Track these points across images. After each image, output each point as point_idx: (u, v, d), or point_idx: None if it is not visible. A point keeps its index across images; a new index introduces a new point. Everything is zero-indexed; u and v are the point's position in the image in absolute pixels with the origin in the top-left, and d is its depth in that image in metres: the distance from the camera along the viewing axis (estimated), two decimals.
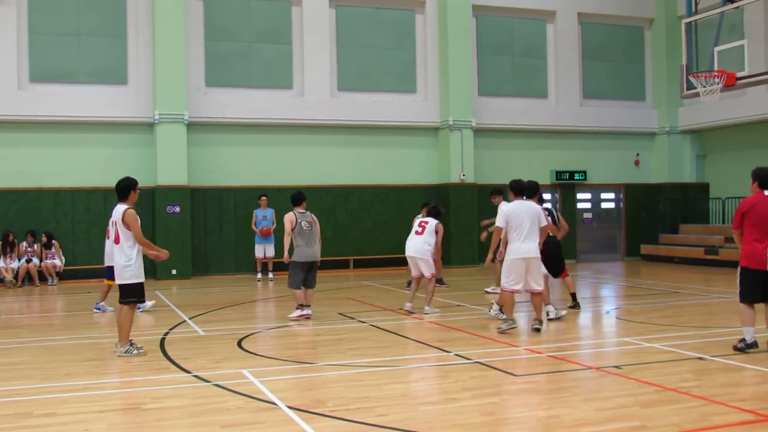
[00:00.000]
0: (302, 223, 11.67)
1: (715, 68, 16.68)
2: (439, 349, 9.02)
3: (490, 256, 10.46)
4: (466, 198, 21.37)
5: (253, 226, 18.15)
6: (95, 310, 12.82)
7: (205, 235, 19.82)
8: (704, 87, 16.48)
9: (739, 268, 8.83)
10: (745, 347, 8.62)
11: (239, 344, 9.53)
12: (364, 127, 21.17)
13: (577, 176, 23.28)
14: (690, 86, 17.20)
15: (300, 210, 11.86)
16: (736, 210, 8.82)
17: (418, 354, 8.83)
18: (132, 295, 8.82)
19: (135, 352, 8.80)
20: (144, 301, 9.48)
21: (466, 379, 7.47)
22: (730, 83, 16.28)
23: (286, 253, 11.83)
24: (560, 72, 23.29)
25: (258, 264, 18.34)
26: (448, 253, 21.31)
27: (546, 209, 10.89)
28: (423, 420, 6.13)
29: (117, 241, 8.83)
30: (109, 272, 11.42)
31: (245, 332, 10.47)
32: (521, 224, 9.80)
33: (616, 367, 7.82)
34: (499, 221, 10.06)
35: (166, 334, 10.40)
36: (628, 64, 24.34)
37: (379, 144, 21.42)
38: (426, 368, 8.15)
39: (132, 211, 8.82)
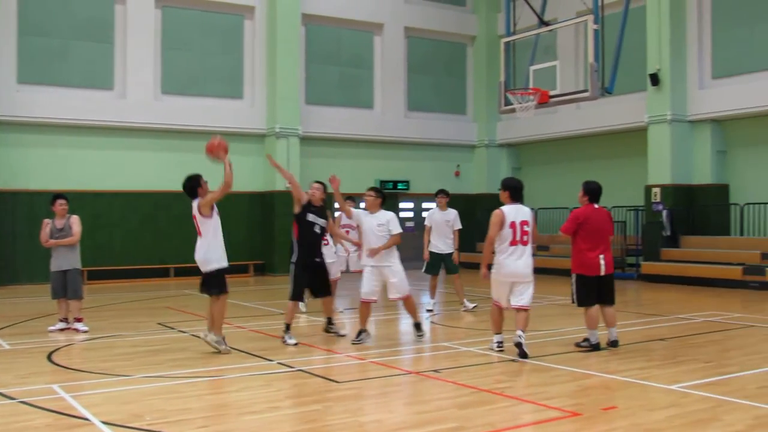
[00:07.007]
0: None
1: (531, 86, 17.60)
2: (261, 357, 8.94)
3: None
4: (290, 206, 21.21)
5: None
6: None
7: (13, 241, 18.61)
8: (520, 103, 17.33)
9: (573, 275, 9.32)
10: (590, 348, 9.13)
11: (49, 358, 9.01)
12: (189, 132, 20.68)
13: (400, 185, 23.88)
14: (507, 102, 18.04)
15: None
16: (571, 219, 9.32)
17: (240, 363, 8.69)
18: None
19: None
20: None
21: (289, 388, 7.45)
22: (544, 100, 17.22)
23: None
24: (386, 84, 23.80)
25: None
26: (271, 261, 21.24)
27: None
28: (245, 430, 6.04)
29: None
30: None
31: (56, 345, 9.92)
32: None
33: (435, 371, 8.05)
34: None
35: None
36: (450, 79, 25.27)
37: (204, 150, 20.93)
38: (248, 377, 8.03)
39: None
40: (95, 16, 19.82)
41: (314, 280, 10.16)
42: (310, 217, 10.11)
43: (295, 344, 9.64)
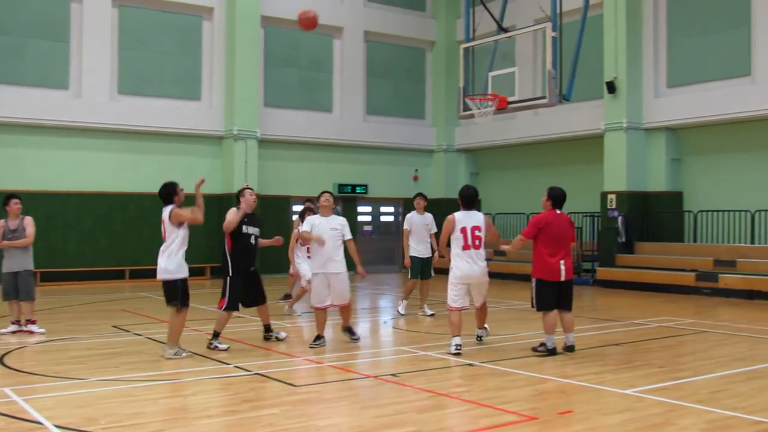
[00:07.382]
0: None
1: (489, 92, 17.74)
2: (218, 361, 8.86)
3: None
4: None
5: None
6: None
7: None
8: (479, 109, 17.48)
9: (533, 280, 9.34)
10: (547, 353, 9.13)
11: (1, 361, 8.82)
12: (145, 133, 20.47)
13: (358, 189, 23.87)
14: (466, 107, 18.18)
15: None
16: (532, 223, 9.34)
17: (196, 367, 8.60)
18: None
19: None
20: None
21: (246, 391, 7.38)
22: (502, 106, 17.40)
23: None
24: (345, 87, 23.80)
25: None
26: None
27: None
28: None
29: None
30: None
31: (8, 348, 9.72)
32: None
33: (393, 375, 8.05)
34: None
35: None
36: (410, 84, 25.36)
37: (161, 151, 20.77)
38: (205, 381, 7.96)
39: None
40: (51, 14, 19.48)
41: (249, 290, 10.07)
42: (245, 228, 9.98)
43: (227, 348, 9.54)
